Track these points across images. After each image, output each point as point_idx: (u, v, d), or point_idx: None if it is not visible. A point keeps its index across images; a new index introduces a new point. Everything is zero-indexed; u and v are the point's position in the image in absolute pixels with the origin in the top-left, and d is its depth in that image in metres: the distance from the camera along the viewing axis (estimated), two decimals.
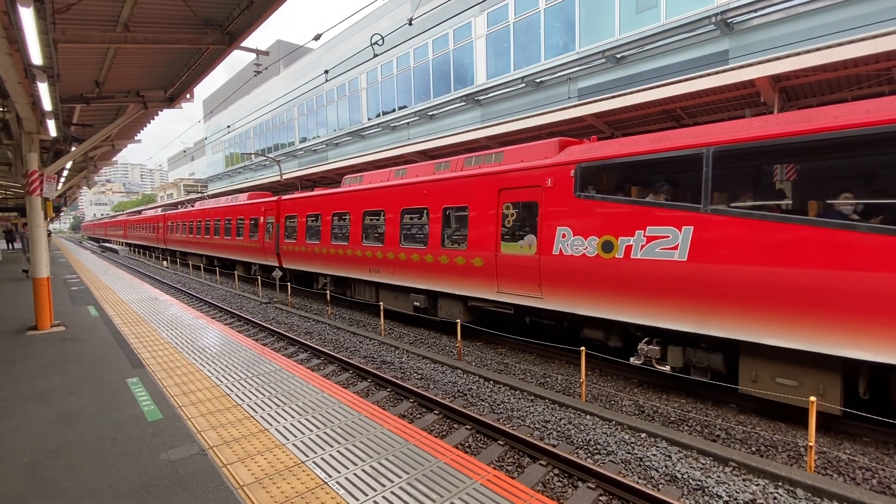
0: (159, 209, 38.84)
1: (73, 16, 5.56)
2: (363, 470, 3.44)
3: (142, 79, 8.42)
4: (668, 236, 6.11)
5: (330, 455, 3.67)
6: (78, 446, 3.93)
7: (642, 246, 6.35)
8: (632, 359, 6.84)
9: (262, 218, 17.84)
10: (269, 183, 27.80)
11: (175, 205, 40.05)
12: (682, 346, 6.48)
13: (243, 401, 4.88)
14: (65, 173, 14.81)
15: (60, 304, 11.03)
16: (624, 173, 7.13)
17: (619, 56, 12.67)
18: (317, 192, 14.74)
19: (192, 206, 27.04)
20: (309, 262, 14.71)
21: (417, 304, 10.65)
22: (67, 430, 4.24)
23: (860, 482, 4.71)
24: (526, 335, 9.29)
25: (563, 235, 7.30)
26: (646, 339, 6.78)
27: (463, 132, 14.96)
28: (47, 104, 6.22)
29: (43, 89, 5.71)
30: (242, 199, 20.60)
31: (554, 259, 7.42)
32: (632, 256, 6.44)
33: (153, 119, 11.74)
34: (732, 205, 5.91)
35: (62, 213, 46.36)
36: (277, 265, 16.62)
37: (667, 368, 6.56)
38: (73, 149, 9.85)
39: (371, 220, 11.91)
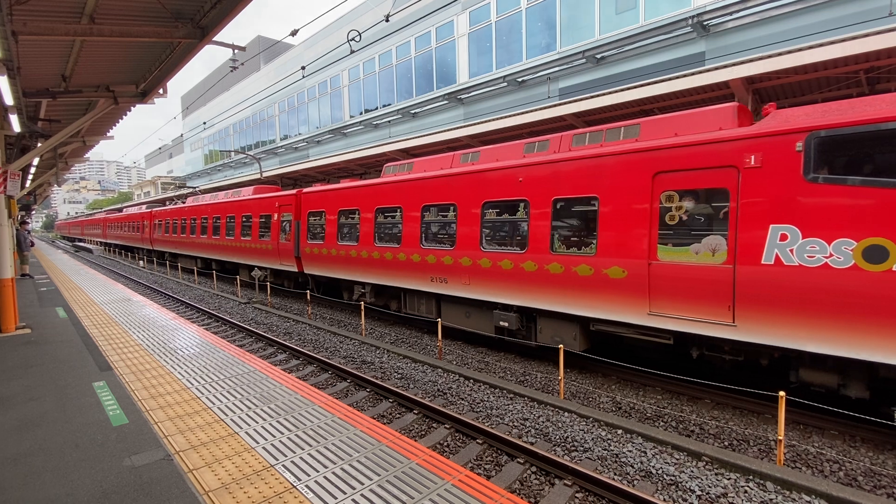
0: (143, 206, 35.02)
1: (34, 7, 5.34)
2: (334, 472, 3.38)
3: (111, 73, 8.16)
4: None
5: (300, 458, 3.59)
6: (38, 453, 3.77)
7: None
8: None
9: (275, 215, 15.12)
10: (249, 180, 27.24)
11: (162, 201, 36.66)
12: None
13: (214, 404, 4.76)
14: (32, 170, 14.31)
15: (27, 305, 10.65)
16: None
17: (598, 56, 12.79)
18: (352, 183, 12.31)
19: (184, 203, 24.38)
20: (341, 267, 12.18)
21: (505, 324, 8.32)
22: (28, 437, 4.07)
23: (828, 474, 4.82)
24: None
25: (783, 237, 5.24)
26: None
27: (446, 130, 14.93)
28: (8, 98, 5.98)
29: (3, 83, 5.49)
30: (247, 193, 17.98)
31: (764, 271, 5.37)
32: None
33: (125, 115, 11.42)
34: None
35: (33, 212, 44.85)
36: (297, 270, 14.28)
37: None
38: (40, 144, 9.51)
39: (434, 216, 9.65)
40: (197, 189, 30.05)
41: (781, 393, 4.82)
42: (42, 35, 5.59)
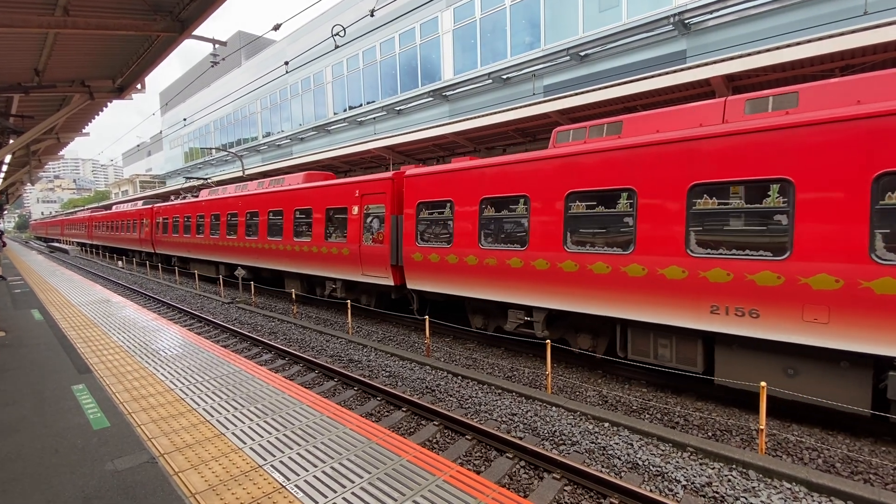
0: (139, 202, 30.63)
1: None
2: (323, 471, 3.35)
3: (87, 67, 7.92)
4: None
5: (289, 458, 3.55)
6: (15, 459, 3.66)
7: None
8: None
9: (355, 208, 11.39)
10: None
11: (163, 196, 32.64)
12: None
13: (199, 405, 4.67)
14: (4, 168, 13.83)
15: (1, 308, 10.31)
16: None
17: (582, 54, 12.88)
18: (504, 158, 8.49)
19: (196, 197, 20.43)
20: (485, 282, 8.53)
21: None
22: (4, 443, 3.94)
23: (807, 462, 4.96)
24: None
25: None
26: None
27: (431, 127, 14.86)
28: None
29: None
30: (296, 181, 14.20)
31: None
32: None
33: (102, 111, 11.11)
34: None
35: (5, 212, 43.33)
36: (393, 284, 10.49)
37: None
38: (12, 141, 9.19)
39: (722, 204, 5.90)
40: (209, 180, 26.10)
41: (763, 383, 4.94)
42: (13, 27, 5.40)
